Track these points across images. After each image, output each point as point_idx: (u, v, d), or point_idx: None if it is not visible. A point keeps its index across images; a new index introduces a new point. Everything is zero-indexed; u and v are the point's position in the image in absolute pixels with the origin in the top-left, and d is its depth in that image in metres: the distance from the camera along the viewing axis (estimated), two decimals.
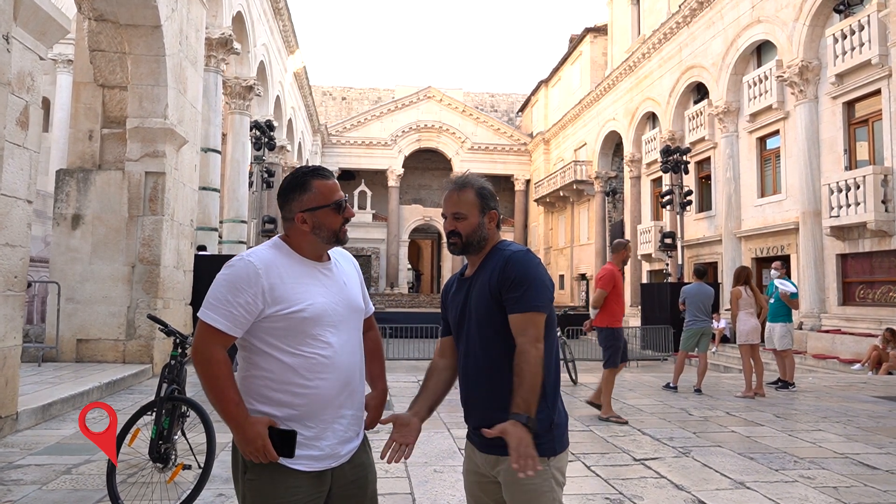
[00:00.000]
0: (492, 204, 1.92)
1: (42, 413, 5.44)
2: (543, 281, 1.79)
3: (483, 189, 1.91)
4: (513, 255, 1.81)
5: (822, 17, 14.28)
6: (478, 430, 1.79)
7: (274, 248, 1.73)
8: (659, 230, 20.98)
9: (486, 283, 1.82)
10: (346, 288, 1.79)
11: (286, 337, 1.65)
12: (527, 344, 1.71)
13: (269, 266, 1.66)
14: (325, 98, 41.86)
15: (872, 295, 12.84)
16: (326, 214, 1.72)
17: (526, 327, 1.73)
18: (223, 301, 1.63)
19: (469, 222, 1.88)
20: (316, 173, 1.75)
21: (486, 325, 1.81)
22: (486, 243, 1.90)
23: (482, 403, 1.82)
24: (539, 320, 1.75)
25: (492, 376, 1.79)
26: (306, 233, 1.72)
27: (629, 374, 10.59)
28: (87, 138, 8.47)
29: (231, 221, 16.64)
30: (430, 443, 4.91)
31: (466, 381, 1.87)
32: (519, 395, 1.66)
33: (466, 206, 1.88)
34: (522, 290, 1.75)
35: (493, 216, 1.91)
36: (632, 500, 3.64)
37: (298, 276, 1.69)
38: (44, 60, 5.26)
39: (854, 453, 4.81)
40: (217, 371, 1.62)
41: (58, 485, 3.77)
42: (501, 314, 1.78)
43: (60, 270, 8.12)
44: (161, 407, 3.58)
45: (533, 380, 1.67)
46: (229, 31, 13.87)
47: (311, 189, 1.72)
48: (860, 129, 13.62)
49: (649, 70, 22.71)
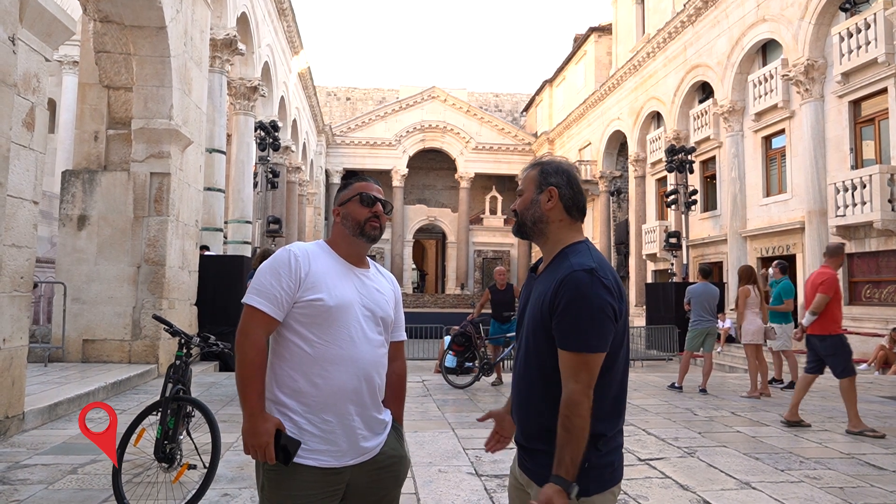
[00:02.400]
0: (552, 179, 1.64)
1: (48, 413, 5.46)
2: (604, 311, 1.49)
3: (549, 165, 1.69)
4: (571, 275, 1.51)
5: (827, 15, 14.21)
6: (517, 440, 1.72)
7: (315, 245, 1.85)
8: (664, 230, 20.92)
9: (541, 296, 1.59)
10: (377, 294, 1.85)
11: (309, 325, 1.72)
12: (578, 393, 1.48)
13: (308, 255, 1.77)
14: (330, 98, 41.93)
15: (879, 294, 12.77)
16: (353, 205, 1.84)
17: (578, 371, 1.49)
18: (266, 285, 1.72)
19: (524, 198, 1.68)
20: (358, 177, 1.92)
21: (531, 343, 1.62)
22: (545, 228, 1.65)
23: (517, 418, 1.71)
24: (594, 363, 1.50)
25: (526, 394, 1.66)
26: (338, 225, 1.86)
27: (634, 374, 10.57)
28: (93, 139, 8.51)
29: (236, 222, 16.69)
30: (434, 443, 4.91)
31: (512, 389, 1.74)
32: (565, 452, 1.47)
33: (526, 181, 1.69)
34: (576, 323, 1.49)
35: (553, 193, 1.63)
36: (637, 501, 3.63)
37: (333, 271, 1.78)
38: (49, 62, 5.29)
39: (860, 453, 4.78)
40: (254, 356, 1.69)
41: (64, 484, 3.79)
42: (549, 339, 1.56)
43: (66, 271, 8.16)
44: (166, 407, 3.59)
45: (581, 437, 1.47)
46: (234, 31, 13.91)
47: (349, 187, 1.90)
48: (866, 128, 13.55)
49: (654, 69, 22.66)
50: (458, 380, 8.17)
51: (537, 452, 1.63)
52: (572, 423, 1.48)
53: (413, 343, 13.92)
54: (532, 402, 1.63)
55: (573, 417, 1.48)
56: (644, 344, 16.61)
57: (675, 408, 6.70)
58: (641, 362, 15.00)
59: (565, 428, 1.48)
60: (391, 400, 1.92)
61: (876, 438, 5.28)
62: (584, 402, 1.48)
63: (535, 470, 1.64)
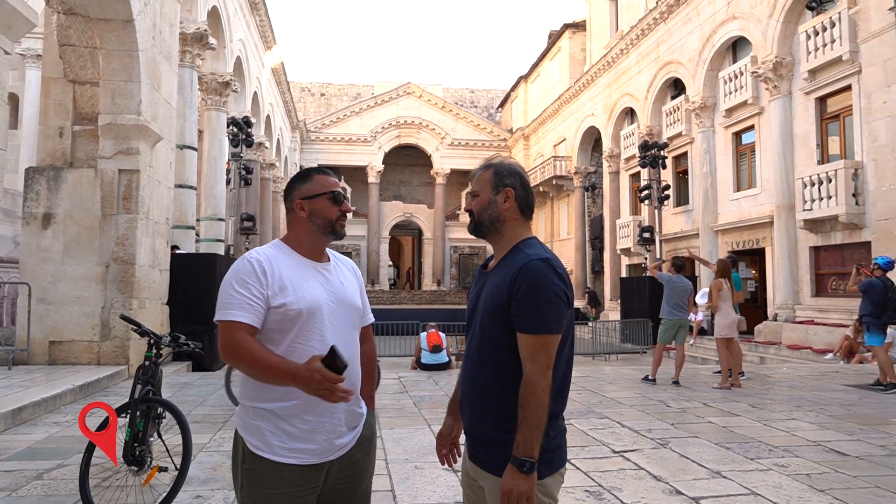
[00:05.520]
0: (507, 181, 1.74)
1: (12, 417, 5.31)
2: (559, 296, 1.60)
3: (502, 167, 1.77)
4: (528, 264, 1.62)
5: (795, 13, 14.52)
6: (469, 433, 1.76)
7: (273, 247, 1.80)
8: (637, 224, 21.19)
9: (498, 286, 1.67)
10: (342, 287, 1.83)
11: (280, 330, 1.70)
12: (536, 374, 1.57)
13: (270, 259, 1.73)
14: (304, 94, 41.47)
15: (844, 286, 13.13)
16: (323, 203, 1.79)
17: (536, 352, 1.58)
18: (235, 296, 1.67)
19: (480, 199, 1.76)
20: (319, 170, 1.87)
21: (487, 332, 1.68)
22: (500, 227, 1.74)
23: (470, 409, 1.75)
24: (552, 344, 1.60)
25: (481, 383, 1.70)
26: (304, 220, 1.79)
27: (609, 368, 10.70)
28: (58, 135, 8.28)
29: (208, 219, 16.40)
30: (410, 439, 4.90)
31: (462, 381, 1.80)
32: (522, 432, 1.55)
33: (481, 183, 1.77)
34: (534, 307, 1.58)
35: (509, 194, 1.73)
36: (611, 492, 3.67)
37: (296, 273, 1.74)
38: (9, 55, 5.12)
39: (826, 441, 4.92)
40: (248, 352, 1.62)
41: (28, 490, 3.69)
42: (506, 326, 1.63)
43: (31, 271, 7.93)
44: (135, 409, 3.52)
45: (540, 416, 1.55)
46: (204, 25, 13.64)
47: (312, 180, 1.82)
48: (832, 124, 13.89)
49: (627, 66, 22.90)
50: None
51: (490, 442, 1.67)
52: (529, 402, 1.56)
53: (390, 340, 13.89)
54: (488, 390, 1.68)
55: (530, 396, 1.56)
56: (619, 338, 16.82)
57: (648, 400, 6.80)
58: (616, 356, 15.19)
59: (522, 407, 1.57)
60: (363, 380, 1.91)
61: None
62: (541, 381, 1.57)
63: (487, 460, 1.67)
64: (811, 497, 3.60)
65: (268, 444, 1.68)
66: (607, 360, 14.69)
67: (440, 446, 1.92)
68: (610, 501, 3.53)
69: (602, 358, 14.94)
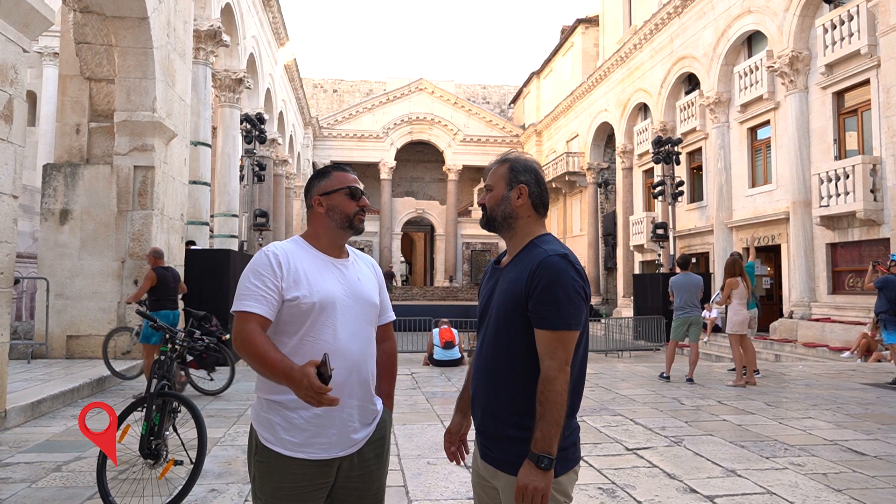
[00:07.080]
0: (522, 177, 1.72)
1: (31, 410, 5.39)
2: (578, 292, 1.59)
3: (518, 163, 1.75)
4: (547, 259, 1.60)
5: (811, 7, 14.29)
6: (480, 430, 1.75)
7: (292, 242, 1.82)
8: (651, 221, 21.03)
9: (514, 282, 1.64)
10: (359, 283, 1.83)
11: (294, 323, 1.71)
12: (554, 370, 1.55)
13: (287, 253, 1.75)
14: (316, 91, 41.58)
15: (861, 283, 12.94)
16: (341, 198, 1.81)
17: (555, 349, 1.57)
18: (251, 288, 1.69)
19: (494, 194, 1.74)
20: (337, 167, 1.89)
21: (503, 328, 1.66)
22: (513, 223, 1.73)
23: (482, 406, 1.72)
24: (570, 340, 1.58)
25: (496, 380, 1.68)
26: (322, 216, 1.82)
27: (622, 364, 10.65)
28: (75, 132, 8.38)
29: (222, 215, 16.53)
30: (423, 435, 4.91)
31: (474, 378, 1.77)
32: (541, 428, 1.53)
33: (496, 177, 1.75)
34: (553, 303, 1.56)
35: (523, 191, 1.71)
36: (624, 490, 3.65)
37: (312, 267, 1.76)
38: (28, 53, 5.18)
39: (843, 440, 4.85)
40: (254, 346, 1.61)
41: (47, 482, 3.74)
42: (523, 322, 1.62)
43: (49, 266, 8.04)
44: (151, 403, 3.56)
45: (559, 412, 1.54)
46: (218, 22, 13.72)
47: (330, 176, 1.85)
48: (850, 119, 13.67)
49: (641, 61, 22.70)
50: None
51: (503, 439, 1.65)
52: (547, 398, 1.54)
53: (402, 336, 13.90)
54: (502, 387, 1.67)
55: (549, 392, 1.55)
56: (632, 334, 16.73)
57: (661, 397, 6.75)
58: (629, 353, 15.12)
59: (541, 403, 1.55)
60: (381, 378, 1.92)
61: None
62: (560, 377, 1.55)
63: (500, 458, 1.65)
64: (828, 497, 3.56)
65: (278, 437, 1.69)
66: (620, 356, 14.62)
67: (448, 443, 1.91)
68: (623, 499, 3.51)
69: (615, 355, 14.87)
